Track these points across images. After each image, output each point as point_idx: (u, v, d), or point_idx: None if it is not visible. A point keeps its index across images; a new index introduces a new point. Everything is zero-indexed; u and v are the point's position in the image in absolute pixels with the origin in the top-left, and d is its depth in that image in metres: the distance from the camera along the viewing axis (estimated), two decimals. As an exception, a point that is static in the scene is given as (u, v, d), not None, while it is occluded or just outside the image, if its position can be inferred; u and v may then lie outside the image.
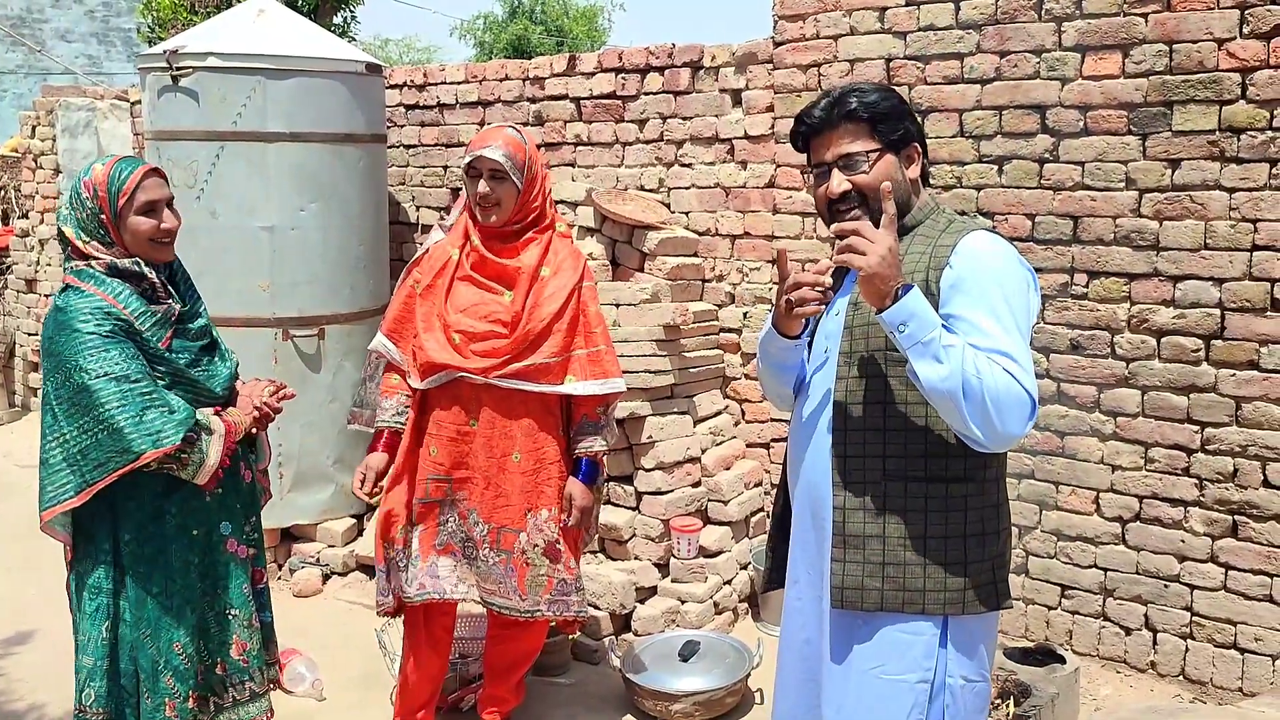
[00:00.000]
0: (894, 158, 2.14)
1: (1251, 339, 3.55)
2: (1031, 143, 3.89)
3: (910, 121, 2.16)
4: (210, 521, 2.66)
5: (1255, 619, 3.59)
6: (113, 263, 2.54)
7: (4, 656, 4.10)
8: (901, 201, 2.13)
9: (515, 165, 3.09)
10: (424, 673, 3.36)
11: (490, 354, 3.10)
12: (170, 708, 2.59)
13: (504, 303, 3.14)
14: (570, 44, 23.70)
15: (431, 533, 3.20)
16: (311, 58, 4.72)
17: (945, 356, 1.91)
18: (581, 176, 5.12)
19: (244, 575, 2.74)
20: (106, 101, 7.20)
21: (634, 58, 4.93)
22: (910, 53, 4.12)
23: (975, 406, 1.91)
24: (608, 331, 3.28)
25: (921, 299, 1.95)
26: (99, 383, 2.42)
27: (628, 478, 4.32)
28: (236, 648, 2.72)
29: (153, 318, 2.55)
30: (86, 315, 2.46)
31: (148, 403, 2.45)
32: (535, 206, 3.17)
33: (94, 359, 2.43)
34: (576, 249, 3.31)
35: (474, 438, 3.15)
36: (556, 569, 3.18)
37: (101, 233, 2.55)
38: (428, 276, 3.21)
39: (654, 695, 3.61)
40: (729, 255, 4.72)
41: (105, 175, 2.55)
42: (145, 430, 2.43)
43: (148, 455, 2.43)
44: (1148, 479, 3.76)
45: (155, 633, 2.59)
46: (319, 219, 4.77)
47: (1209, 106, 3.56)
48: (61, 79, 15.21)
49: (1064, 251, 3.85)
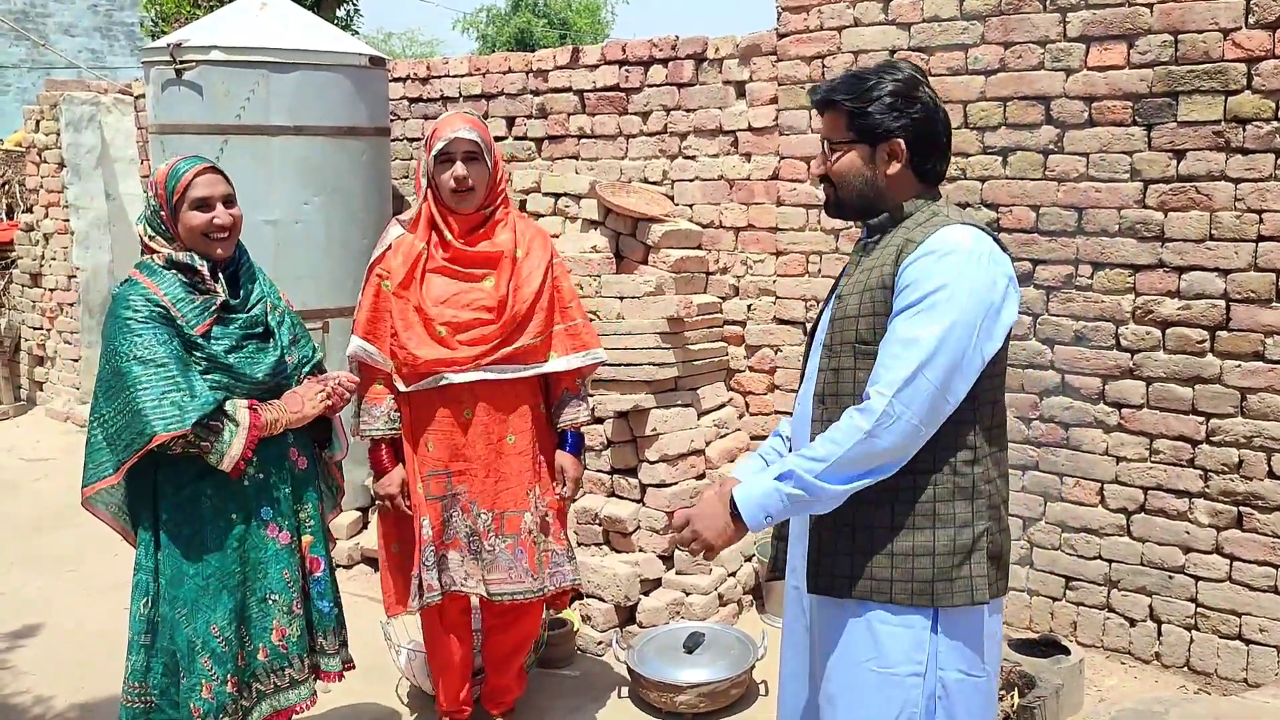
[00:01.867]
0: (865, 150, 2.11)
1: (1257, 330, 3.54)
2: (1036, 134, 3.88)
3: (896, 116, 2.08)
4: (250, 506, 2.72)
5: (1260, 610, 3.59)
6: (170, 255, 2.68)
7: (10, 650, 4.12)
8: (868, 197, 2.13)
9: (486, 145, 3.11)
10: (453, 661, 3.39)
11: (479, 341, 3.10)
12: (207, 689, 2.64)
13: (485, 289, 3.13)
14: (574, 37, 23.68)
15: (438, 530, 3.20)
16: (315, 51, 4.72)
17: (810, 490, 1.98)
18: (585, 169, 5.12)
19: (285, 561, 2.78)
20: (110, 96, 7.20)
21: (637, 50, 4.92)
22: (914, 44, 4.11)
23: (861, 469, 1.98)
24: (581, 304, 3.32)
25: (747, 489, 2.03)
26: (129, 365, 2.53)
27: (632, 470, 4.32)
28: (276, 633, 2.77)
29: (192, 305, 2.65)
30: (129, 302, 2.60)
31: (170, 386, 2.53)
32: (500, 189, 3.19)
33: (127, 342, 2.55)
34: (540, 227, 3.33)
35: (471, 427, 3.15)
36: (549, 542, 3.24)
37: (162, 228, 2.71)
38: (398, 273, 3.12)
39: (659, 687, 3.61)
40: (733, 248, 4.72)
41: (165, 174, 2.71)
42: (161, 413, 2.50)
43: (159, 437, 2.50)
44: (1152, 470, 3.76)
45: (192, 613, 2.65)
46: (323, 212, 4.77)
47: (1214, 97, 3.54)
48: (65, 73, 15.23)
49: (1068, 243, 3.85)
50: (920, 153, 2.12)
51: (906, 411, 1.94)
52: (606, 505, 4.30)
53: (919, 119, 2.10)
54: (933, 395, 1.95)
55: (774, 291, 4.62)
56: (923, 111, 2.11)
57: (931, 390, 1.94)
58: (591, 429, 4.35)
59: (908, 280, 2.01)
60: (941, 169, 2.18)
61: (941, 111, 2.14)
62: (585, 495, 4.27)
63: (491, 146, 3.15)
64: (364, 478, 4.96)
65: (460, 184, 3.08)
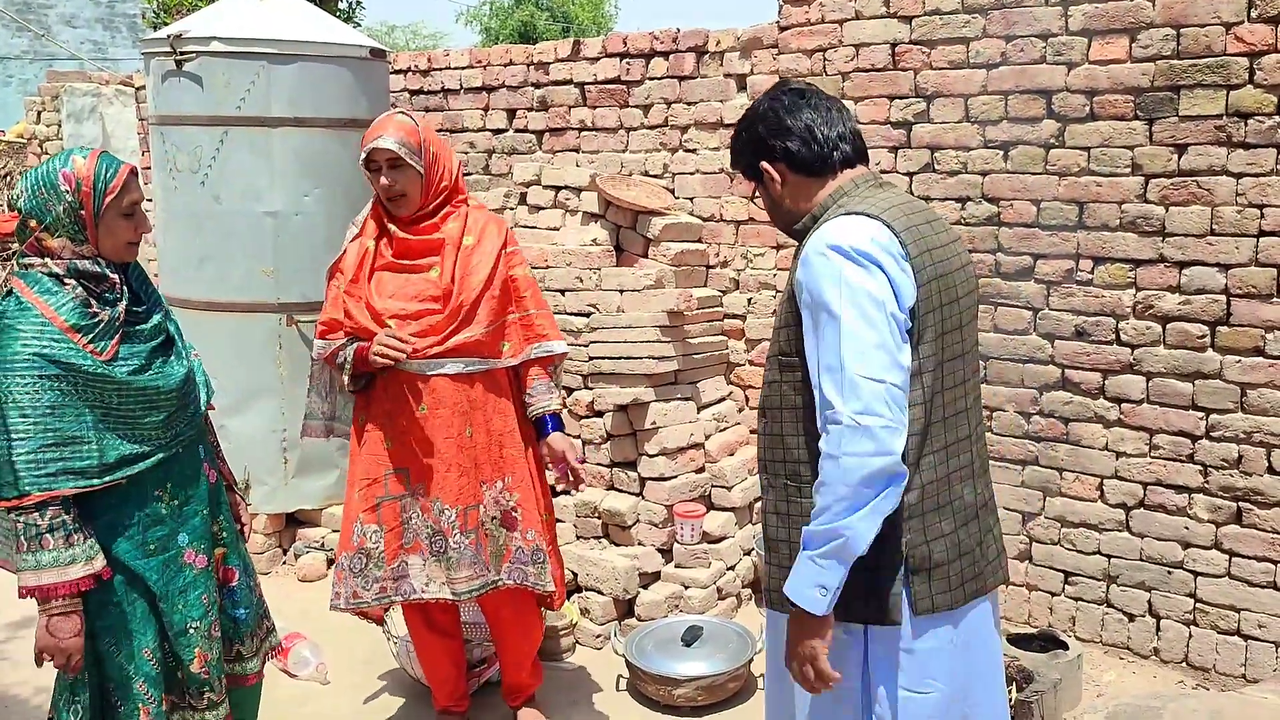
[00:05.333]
0: (760, 187, 2.22)
1: (1257, 325, 3.53)
2: (1037, 128, 3.87)
3: (752, 148, 2.17)
4: (166, 535, 2.57)
5: (1259, 605, 3.59)
6: (72, 264, 2.40)
7: (9, 640, 4.13)
8: (791, 215, 2.18)
9: (411, 151, 3.02)
10: (441, 660, 3.39)
11: (428, 332, 3.05)
12: (145, 714, 2.54)
13: (432, 279, 3.09)
14: (576, 30, 23.64)
15: (396, 533, 3.13)
16: (316, 43, 4.71)
17: (829, 537, 1.89)
18: (586, 162, 5.11)
19: (203, 586, 2.65)
20: (111, 87, 7.19)
21: (639, 43, 4.91)
22: (916, 37, 4.09)
23: (859, 491, 1.87)
24: (539, 294, 3.25)
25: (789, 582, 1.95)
26: (8, 408, 2.32)
27: (631, 463, 4.32)
28: (198, 660, 2.63)
29: (94, 329, 2.40)
30: (15, 333, 2.34)
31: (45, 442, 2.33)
32: (444, 188, 3.12)
33: (20, 388, 2.32)
34: (497, 216, 3.29)
35: (427, 422, 3.08)
36: (513, 537, 3.17)
37: (75, 229, 2.40)
38: (349, 272, 3.13)
39: (657, 680, 3.62)
40: (733, 241, 4.71)
41: (90, 170, 2.40)
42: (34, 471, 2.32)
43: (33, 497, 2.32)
44: (1152, 465, 3.76)
45: (119, 642, 2.53)
46: (323, 204, 4.76)
47: (1216, 91, 3.53)
48: (67, 64, 15.20)
49: (1069, 237, 3.84)
50: (788, 156, 2.13)
51: (858, 415, 1.87)
52: (606, 498, 4.30)
53: (765, 134, 2.14)
54: (868, 386, 1.87)
55: (774, 285, 4.61)
56: (764, 127, 2.14)
57: (862, 383, 1.88)
58: (591, 422, 4.35)
59: (798, 293, 2.03)
60: (818, 148, 2.12)
61: (783, 100, 2.14)
62: (585, 489, 4.25)
63: (424, 148, 3.05)
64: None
65: (386, 192, 3.06)
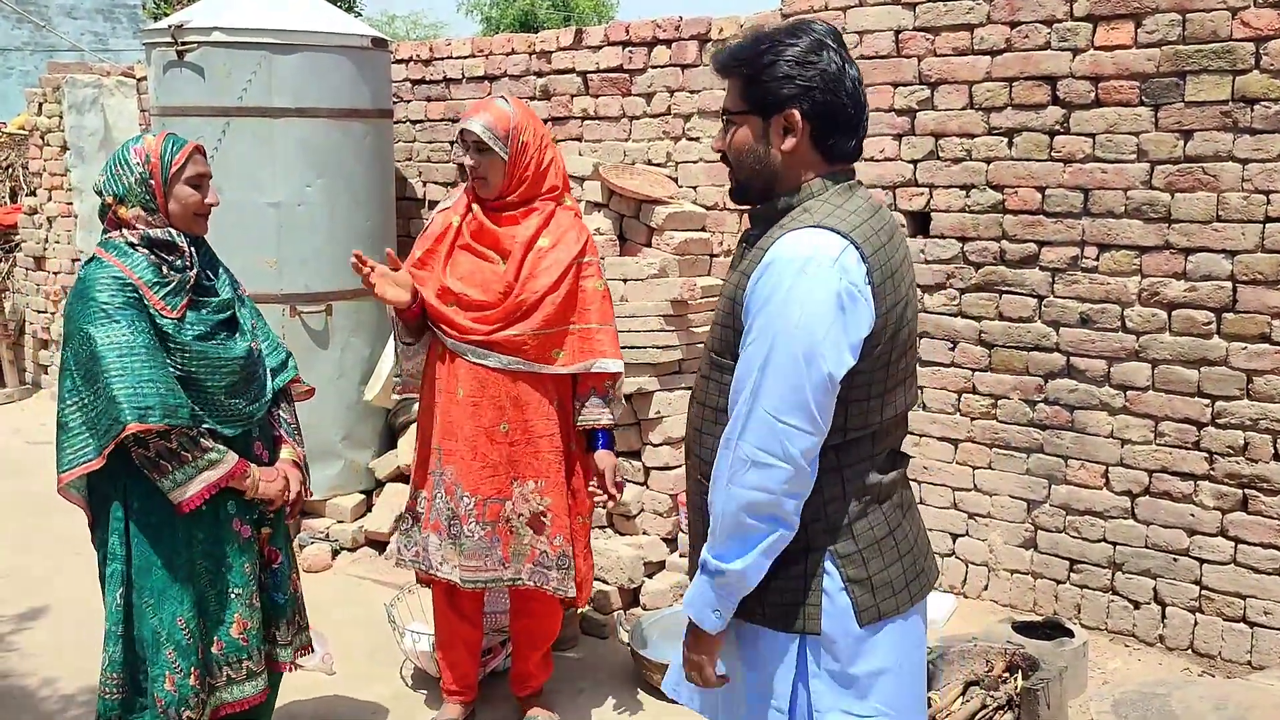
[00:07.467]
0: (759, 124, 1.88)
1: (1263, 312, 3.52)
2: (1042, 115, 3.86)
3: (792, 85, 1.83)
4: (216, 500, 2.66)
5: (1264, 593, 3.58)
6: (146, 233, 2.59)
7: (18, 631, 4.13)
8: (764, 176, 1.91)
9: (496, 137, 3.06)
10: (457, 641, 3.40)
11: (480, 321, 3.11)
12: (170, 681, 2.60)
13: (499, 272, 3.13)
14: (576, 18, 23.58)
15: (429, 505, 3.23)
16: (317, 32, 4.70)
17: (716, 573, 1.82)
18: (588, 151, 5.09)
19: (248, 555, 2.75)
20: (113, 78, 7.17)
21: (641, 31, 4.89)
22: (920, 24, 4.07)
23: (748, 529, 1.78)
24: (609, 310, 3.21)
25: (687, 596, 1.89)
26: (105, 350, 2.47)
27: (635, 453, 4.32)
28: (237, 626, 2.72)
29: (165, 287, 2.58)
30: (101, 285, 2.52)
31: (143, 378, 2.47)
32: (527, 176, 3.12)
33: (102, 329, 2.48)
34: (582, 224, 3.27)
35: (464, 407, 3.13)
36: (539, 540, 3.18)
37: (147, 198, 2.59)
38: (427, 243, 3.23)
39: (662, 669, 3.60)
40: (737, 230, 4.70)
41: (159, 144, 2.62)
42: (134, 403, 2.45)
43: (131, 427, 2.44)
44: (1157, 453, 3.75)
45: (158, 603, 2.62)
46: (326, 195, 4.76)
47: (1222, 77, 3.51)
48: (67, 56, 15.19)
49: (1074, 224, 3.83)
50: (822, 126, 1.86)
51: (755, 451, 1.76)
52: (610, 488, 4.29)
53: (819, 87, 1.84)
54: (773, 427, 1.74)
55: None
56: (822, 80, 1.84)
57: (769, 422, 1.75)
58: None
59: (747, 292, 1.83)
60: (849, 146, 1.91)
61: (849, 80, 1.86)
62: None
63: (509, 137, 3.07)
64: (367, 460, 4.97)
65: (471, 172, 3.14)
